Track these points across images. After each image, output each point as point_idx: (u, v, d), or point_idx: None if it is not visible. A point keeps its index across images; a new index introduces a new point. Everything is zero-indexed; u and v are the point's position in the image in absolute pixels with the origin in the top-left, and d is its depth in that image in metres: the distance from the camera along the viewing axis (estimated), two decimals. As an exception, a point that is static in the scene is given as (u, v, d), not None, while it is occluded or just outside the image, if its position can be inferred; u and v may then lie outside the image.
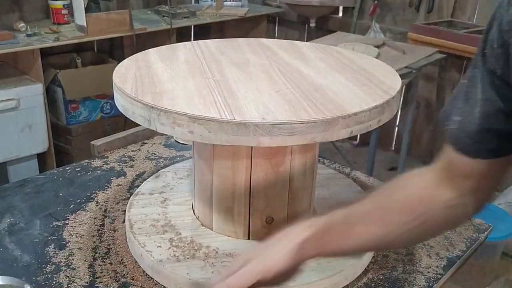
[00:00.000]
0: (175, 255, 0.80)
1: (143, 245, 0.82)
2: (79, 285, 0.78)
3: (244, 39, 1.07)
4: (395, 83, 0.81)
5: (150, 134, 1.32)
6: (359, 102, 0.71)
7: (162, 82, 0.77)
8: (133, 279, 0.80)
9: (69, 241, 0.89)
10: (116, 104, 0.78)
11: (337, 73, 0.85)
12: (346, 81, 0.81)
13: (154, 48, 0.97)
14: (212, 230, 0.87)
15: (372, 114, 0.70)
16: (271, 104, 0.69)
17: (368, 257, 0.85)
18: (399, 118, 3.11)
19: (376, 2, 2.93)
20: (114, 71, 0.82)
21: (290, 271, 0.61)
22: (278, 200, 0.83)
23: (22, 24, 2.41)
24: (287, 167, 0.81)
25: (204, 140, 0.66)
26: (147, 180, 1.03)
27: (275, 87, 0.76)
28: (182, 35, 3.16)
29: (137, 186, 1.03)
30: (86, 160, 1.19)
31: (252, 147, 0.77)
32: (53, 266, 0.82)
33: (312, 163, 0.86)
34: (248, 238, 0.85)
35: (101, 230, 0.92)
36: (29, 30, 2.39)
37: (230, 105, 0.68)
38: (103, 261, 0.84)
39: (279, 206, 0.84)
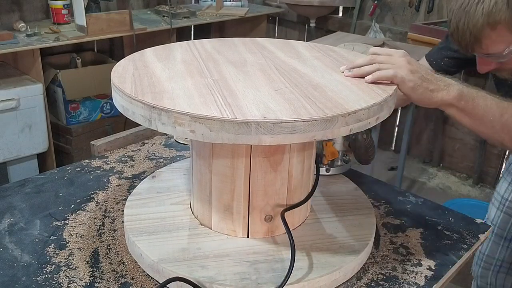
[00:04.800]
0: (174, 254, 0.80)
1: (142, 245, 0.82)
2: (79, 285, 0.78)
3: (240, 39, 1.08)
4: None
5: (150, 134, 1.32)
6: (357, 100, 0.72)
7: (161, 82, 0.77)
8: (133, 279, 0.80)
9: (69, 241, 0.89)
10: (115, 104, 0.78)
11: (334, 71, 0.86)
12: (343, 79, 0.82)
13: (150, 48, 0.97)
14: (211, 229, 0.87)
15: (370, 112, 0.71)
16: (271, 103, 0.70)
17: (366, 253, 0.85)
18: (399, 118, 3.11)
19: (376, 2, 2.93)
20: (112, 71, 0.82)
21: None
22: (277, 198, 0.84)
23: (22, 24, 2.42)
24: (286, 165, 0.81)
25: (206, 139, 0.67)
26: (143, 181, 1.04)
27: (274, 86, 0.77)
28: (182, 35, 3.16)
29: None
30: (86, 160, 1.19)
31: (251, 145, 0.78)
32: (53, 266, 0.82)
33: (310, 161, 0.87)
34: (248, 237, 0.85)
35: (101, 230, 0.92)
36: (29, 30, 2.39)
37: (230, 104, 0.69)
38: (103, 261, 0.84)
39: (278, 204, 0.84)
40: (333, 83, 0.79)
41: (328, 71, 0.86)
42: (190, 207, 0.93)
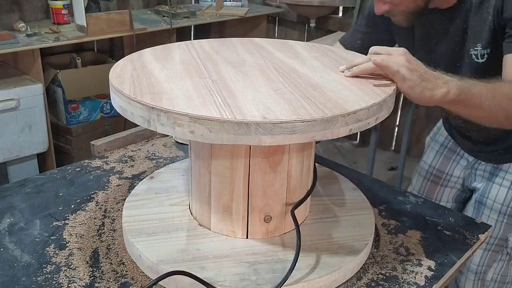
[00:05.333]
0: (173, 255, 0.80)
1: (141, 247, 0.82)
2: (79, 285, 0.78)
3: (238, 39, 1.08)
4: (391, 81, 0.82)
5: (150, 134, 1.32)
6: (357, 100, 0.72)
7: (160, 83, 0.77)
8: (133, 279, 0.80)
9: (69, 241, 0.89)
10: (113, 105, 0.77)
11: (332, 72, 0.86)
12: (342, 79, 0.82)
13: (148, 48, 0.97)
14: (210, 230, 0.87)
15: (370, 112, 0.71)
16: (270, 103, 0.70)
17: (365, 254, 0.85)
18: (399, 118, 3.11)
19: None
20: (110, 72, 0.82)
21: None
22: (277, 199, 0.84)
23: (22, 24, 2.42)
24: (285, 166, 0.81)
25: (205, 140, 0.67)
26: (141, 181, 1.04)
27: (273, 86, 0.77)
28: (182, 35, 3.16)
29: (137, 186, 1.03)
30: (86, 160, 1.19)
31: (250, 146, 0.78)
32: (53, 266, 0.82)
33: (309, 161, 0.87)
34: (247, 237, 0.86)
35: (101, 230, 0.92)
36: (29, 30, 2.39)
37: (230, 104, 0.69)
38: (103, 261, 0.84)
39: (278, 204, 0.84)
40: (332, 83, 0.79)
41: (327, 71, 0.86)
42: (189, 208, 0.93)
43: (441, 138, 1.44)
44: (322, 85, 0.78)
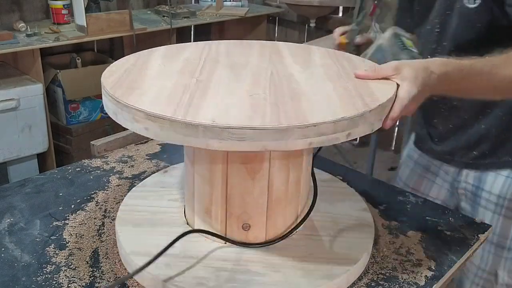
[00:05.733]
0: (147, 249, 0.79)
1: (122, 236, 0.83)
2: (79, 285, 0.78)
3: (260, 42, 1.04)
4: (384, 96, 0.74)
5: (150, 134, 1.32)
6: (328, 113, 0.67)
7: (145, 79, 0.77)
8: (133, 279, 0.80)
9: (69, 241, 0.89)
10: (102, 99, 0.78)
11: (329, 81, 0.81)
12: (332, 90, 0.76)
13: (167, 46, 0.97)
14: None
15: (337, 127, 0.66)
16: (233, 108, 0.67)
17: (364, 259, 0.84)
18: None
19: (376, 2, 2.93)
20: (111, 64, 0.84)
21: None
22: (256, 207, 0.81)
23: (22, 24, 2.42)
24: (265, 174, 0.78)
25: (158, 138, 0.67)
26: (154, 174, 1.05)
27: (253, 91, 0.74)
28: (182, 35, 3.16)
29: (137, 186, 1.03)
30: (86, 160, 1.19)
31: (227, 151, 0.76)
32: (53, 266, 0.82)
33: (298, 172, 0.82)
34: (225, 243, 0.83)
35: (101, 230, 0.92)
36: (29, 30, 2.40)
37: (192, 105, 0.67)
38: (103, 261, 0.84)
39: (257, 213, 0.81)
40: (318, 92, 0.75)
41: (324, 79, 0.81)
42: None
43: (415, 155, 1.36)
44: (304, 93, 0.74)
